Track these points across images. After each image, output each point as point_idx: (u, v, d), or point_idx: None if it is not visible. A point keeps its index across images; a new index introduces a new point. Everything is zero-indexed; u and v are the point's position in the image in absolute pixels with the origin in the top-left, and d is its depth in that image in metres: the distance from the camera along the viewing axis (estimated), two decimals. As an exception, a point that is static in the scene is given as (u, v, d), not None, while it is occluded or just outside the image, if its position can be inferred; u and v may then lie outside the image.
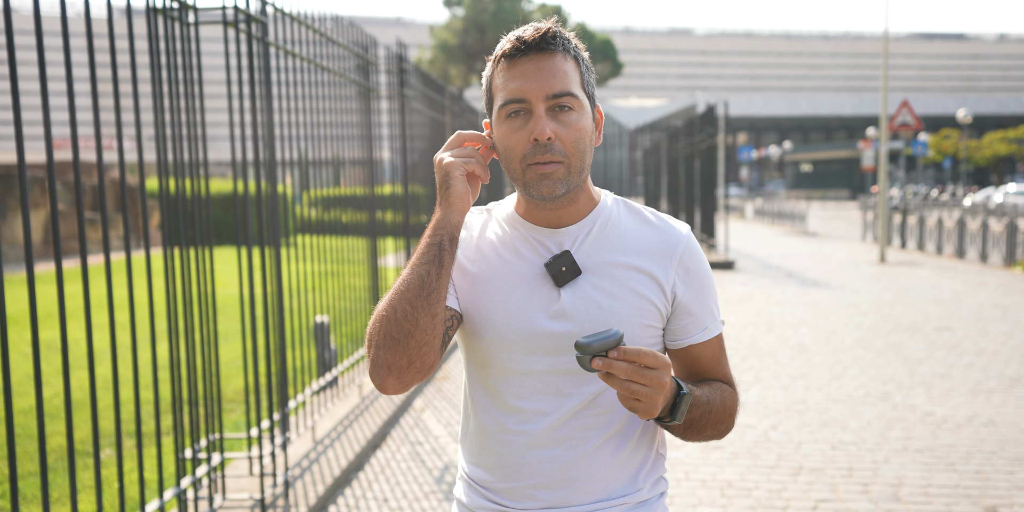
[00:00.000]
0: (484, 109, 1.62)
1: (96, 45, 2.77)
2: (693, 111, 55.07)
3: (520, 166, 1.52)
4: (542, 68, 1.50)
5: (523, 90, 1.50)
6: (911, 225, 21.15)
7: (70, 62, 2.67)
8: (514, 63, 1.52)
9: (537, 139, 1.49)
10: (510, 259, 1.61)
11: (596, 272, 1.58)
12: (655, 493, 1.68)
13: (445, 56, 44.44)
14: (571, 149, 1.51)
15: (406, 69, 7.60)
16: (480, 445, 1.66)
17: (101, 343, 7.69)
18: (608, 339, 1.37)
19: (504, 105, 1.52)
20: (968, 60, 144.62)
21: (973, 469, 4.89)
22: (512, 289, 1.58)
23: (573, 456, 1.59)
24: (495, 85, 1.55)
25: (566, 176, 1.52)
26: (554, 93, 1.50)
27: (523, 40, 1.50)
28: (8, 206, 15.58)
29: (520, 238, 1.62)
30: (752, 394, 6.60)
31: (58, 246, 2.54)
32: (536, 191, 1.53)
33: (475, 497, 1.68)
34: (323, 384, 5.47)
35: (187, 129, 3.71)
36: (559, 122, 1.51)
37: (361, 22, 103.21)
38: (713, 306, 1.65)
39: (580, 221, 1.61)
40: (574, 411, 1.59)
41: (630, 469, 1.64)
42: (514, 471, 1.61)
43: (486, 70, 1.59)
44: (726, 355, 1.70)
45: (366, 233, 6.63)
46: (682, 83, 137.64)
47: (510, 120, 1.53)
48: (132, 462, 4.46)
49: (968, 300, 11.50)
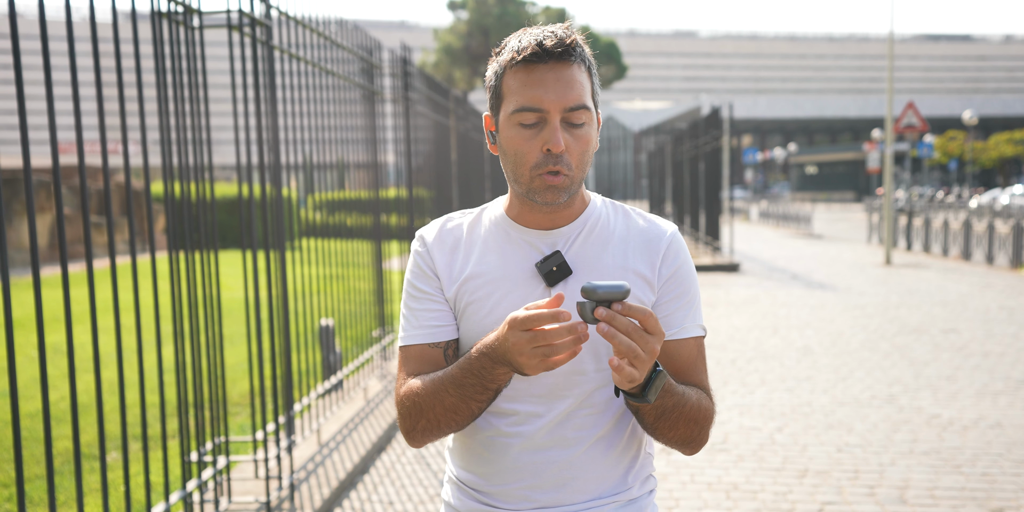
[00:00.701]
0: (489, 104, 1.61)
1: (101, 49, 2.78)
2: (698, 113, 55.08)
3: (529, 174, 1.54)
4: (561, 79, 1.50)
5: (542, 100, 1.50)
6: (917, 227, 21.12)
7: (75, 66, 2.68)
8: (532, 69, 1.51)
9: (551, 150, 1.51)
10: (502, 262, 1.61)
11: (586, 272, 1.59)
12: (644, 491, 1.69)
13: (449, 59, 44.46)
14: (578, 161, 1.54)
15: (410, 72, 7.61)
16: (472, 448, 1.66)
17: (107, 347, 7.70)
18: (615, 290, 1.34)
19: (519, 111, 1.52)
20: (974, 61, 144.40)
21: (979, 471, 4.88)
22: (504, 292, 1.59)
23: (566, 456, 1.60)
24: (508, 86, 1.54)
25: (570, 186, 1.54)
26: (571, 107, 1.51)
27: (545, 48, 1.50)
28: (14, 210, 15.61)
29: (511, 241, 1.63)
30: (757, 396, 6.60)
31: (64, 250, 2.55)
32: (541, 198, 1.54)
33: (466, 500, 1.68)
34: (328, 387, 5.48)
35: (192, 133, 3.72)
36: (571, 135, 1.53)
37: (365, 25, 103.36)
38: (692, 307, 1.64)
39: (571, 223, 1.62)
40: (567, 412, 1.59)
41: (620, 468, 1.65)
42: (507, 473, 1.62)
43: (495, 66, 1.58)
44: (705, 364, 1.68)
45: (371, 236, 6.64)
46: (686, 85, 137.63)
47: (523, 128, 1.53)
48: (138, 465, 4.47)
49: (974, 302, 11.48)
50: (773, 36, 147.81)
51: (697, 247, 19.34)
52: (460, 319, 1.63)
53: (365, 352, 6.46)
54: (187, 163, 3.68)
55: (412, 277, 1.67)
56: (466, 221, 1.69)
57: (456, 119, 10.86)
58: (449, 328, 1.64)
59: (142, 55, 3.16)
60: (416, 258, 1.67)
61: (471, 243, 1.65)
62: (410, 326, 1.65)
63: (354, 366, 6.13)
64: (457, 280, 1.63)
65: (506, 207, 1.66)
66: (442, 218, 1.71)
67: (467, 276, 1.62)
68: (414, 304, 1.65)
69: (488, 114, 1.62)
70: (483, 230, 1.66)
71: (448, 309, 1.64)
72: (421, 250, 1.67)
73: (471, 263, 1.63)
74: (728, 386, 6.92)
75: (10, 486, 4.53)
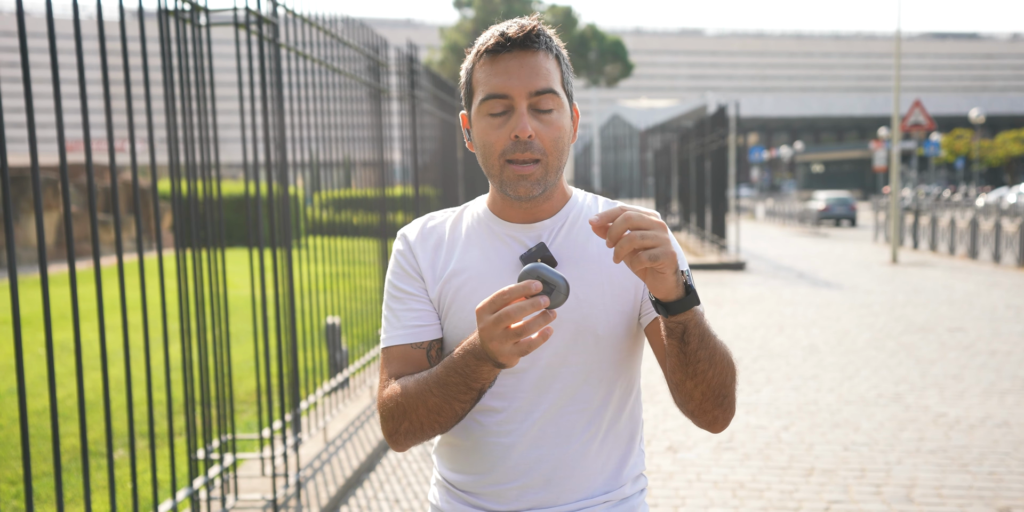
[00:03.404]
0: (464, 102, 1.61)
1: (108, 47, 2.78)
2: (704, 112, 54.96)
3: (498, 162, 1.52)
4: (525, 65, 1.50)
5: (506, 86, 1.49)
6: (923, 226, 21.07)
7: (83, 64, 2.69)
8: (497, 59, 1.51)
9: (518, 136, 1.49)
10: (485, 257, 1.60)
11: (572, 263, 1.58)
12: (636, 490, 1.67)
13: (455, 57, 44.46)
14: (550, 147, 1.51)
15: (416, 70, 7.61)
16: (461, 448, 1.64)
17: (114, 344, 7.72)
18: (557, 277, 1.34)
19: (486, 99, 1.51)
20: (981, 60, 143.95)
21: (986, 470, 4.87)
22: (489, 288, 1.56)
23: (558, 454, 1.58)
24: (476, 79, 1.54)
25: (543, 176, 1.52)
26: (537, 90, 1.49)
27: (507, 36, 1.50)
28: (21, 208, 15.65)
29: (494, 236, 1.61)
30: (764, 395, 6.59)
31: (71, 248, 2.56)
32: (513, 191, 1.53)
33: (455, 502, 1.65)
34: (335, 385, 5.48)
35: (199, 131, 3.73)
36: (540, 121, 1.51)
37: (371, 23, 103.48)
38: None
39: (554, 216, 1.61)
40: (556, 408, 1.57)
41: (612, 465, 1.63)
42: (499, 473, 1.59)
43: (466, 62, 1.58)
44: None
45: (377, 234, 6.65)
46: (693, 84, 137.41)
47: (491, 117, 1.52)
48: (145, 463, 4.48)
49: (981, 301, 11.45)
50: (779, 34, 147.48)
51: (703, 245, 19.32)
52: (445, 316, 1.61)
53: (371, 350, 6.47)
54: (194, 161, 3.69)
55: (393, 277, 1.65)
56: (448, 219, 1.67)
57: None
58: (432, 328, 1.61)
59: (149, 53, 3.17)
60: (398, 258, 1.65)
61: (454, 240, 1.64)
62: (392, 327, 1.63)
63: (360, 364, 6.13)
64: (441, 277, 1.61)
65: (488, 202, 1.65)
66: (424, 217, 1.69)
67: (451, 272, 1.60)
68: (396, 305, 1.63)
69: (464, 113, 1.62)
70: (465, 226, 1.65)
71: (431, 309, 1.62)
72: (403, 249, 1.65)
73: (454, 259, 1.61)
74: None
75: (18, 483, 4.54)
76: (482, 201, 1.67)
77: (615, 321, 1.58)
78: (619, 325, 1.58)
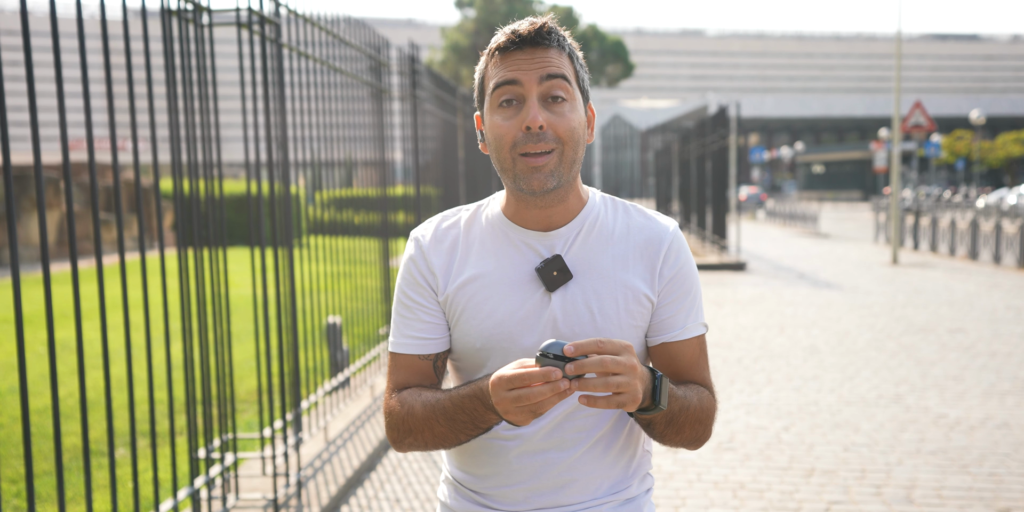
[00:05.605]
0: (477, 104, 1.59)
1: (111, 47, 2.79)
2: (705, 112, 54.95)
3: (510, 155, 1.48)
4: (536, 59, 1.48)
5: (516, 74, 1.47)
6: (924, 226, 21.07)
7: (85, 63, 2.69)
8: (508, 55, 1.49)
9: (529, 127, 1.46)
10: (500, 266, 1.58)
11: (586, 275, 1.56)
12: (642, 490, 1.67)
13: (456, 57, 44.48)
14: (565, 137, 1.48)
15: (418, 70, 7.62)
16: (469, 450, 1.64)
17: (116, 343, 7.72)
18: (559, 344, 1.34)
19: (497, 88, 1.49)
20: (981, 61, 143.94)
21: (987, 471, 4.87)
22: (503, 297, 1.55)
23: (565, 458, 1.58)
24: (487, 76, 1.52)
25: (557, 166, 1.48)
26: (548, 74, 1.47)
27: (518, 34, 1.47)
28: (23, 207, 15.66)
29: (510, 242, 1.59)
30: (764, 396, 6.59)
31: (73, 246, 2.56)
32: (527, 184, 1.49)
33: (463, 500, 1.66)
34: (335, 385, 5.49)
35: (201, 130, 3.73)
36: (552, 112, 1.48)
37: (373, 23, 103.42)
38: (694, 306, 1.62)
39: (570, 223, 1.58)
40: (565, 414, 1.57)
41: (619, 467, 1.63)
42: (506, 476, 1.60)
43: (479, 64, 1.56)
44: (707, 361, 1.66)
45: (378, 234, 6.65)
46: (694, 84, 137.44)
47: (502, 109, 1.49)
48: (146, 462, 4.49)
49: (981, 302, 11.45)
50: (780, 35, 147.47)
51: (704, 246, 19.32)
52: (456, 323, 1.59)
53: (372, 349, 6.47)
54: (196, 160, 3.69)
55: (404, 284, 1.62)
56: (463, 218, 1.64)
57: (463, 117, 10.86)
58: (439, 341, 1.61)
59: (152, 52, 3.17)
60: (409, 265, 1.62)
61: (468, 244, 1.61)
62: (400, 334, 1.62)
63: (361, 363, 6.14)
64: (455, 281, 1.59)
65: (503, 205, 1.61)
66: (437, 217, 1.66)
67: (465, 279, 1.58)
68: (405, 312, 1.62)
69: (478, 114, 1.60)
70: (480, 230, 1.61)
71: (440, 320, 1.61)
72: (415, 255, 1.62)
73: (469, 265, 1.59)
74: (734, 385, 6.92)
75: (19, 482, 4.55)
76: (497, 203, 1.63)
77: (628, 335, 1.57)
78: (632, 338, 1.58)
